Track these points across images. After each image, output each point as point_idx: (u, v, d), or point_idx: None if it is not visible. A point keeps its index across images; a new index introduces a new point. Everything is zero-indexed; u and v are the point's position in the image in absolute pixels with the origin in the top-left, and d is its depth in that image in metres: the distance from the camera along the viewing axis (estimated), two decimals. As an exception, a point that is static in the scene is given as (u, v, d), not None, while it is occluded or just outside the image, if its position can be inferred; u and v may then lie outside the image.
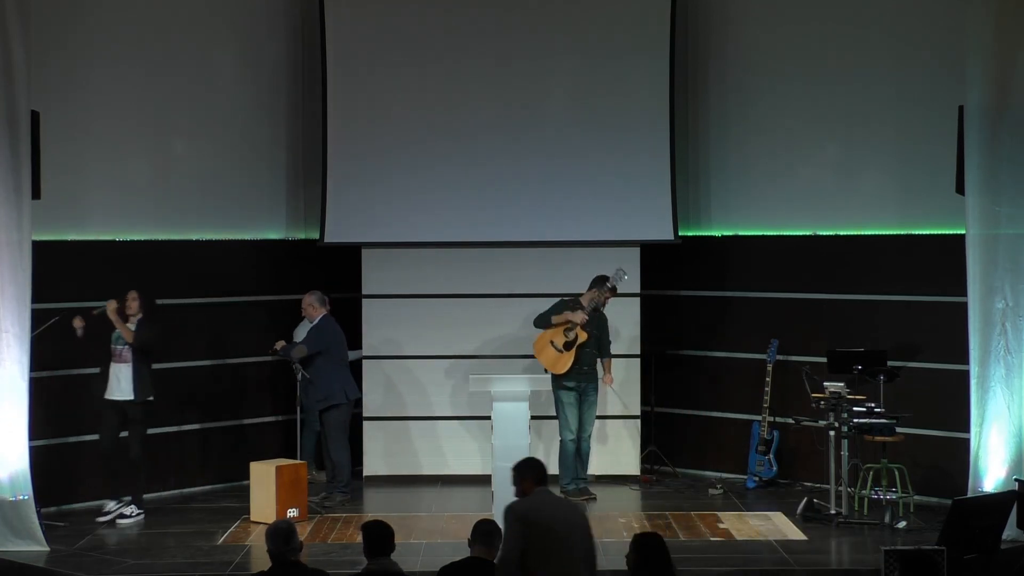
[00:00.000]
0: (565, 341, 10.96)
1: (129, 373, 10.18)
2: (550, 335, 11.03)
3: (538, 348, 11.08)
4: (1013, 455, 9.57)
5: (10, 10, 9.31)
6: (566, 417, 10.99)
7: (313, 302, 10.91)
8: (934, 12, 10.98)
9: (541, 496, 7.07)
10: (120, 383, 10.20)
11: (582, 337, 10.95)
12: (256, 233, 11.95)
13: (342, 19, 11.86)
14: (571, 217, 11.75)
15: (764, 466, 11.43)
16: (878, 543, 9.13)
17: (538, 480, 7.13)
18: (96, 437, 10.40)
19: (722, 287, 12.13)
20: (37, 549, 9.28)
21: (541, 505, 7.00)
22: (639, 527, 9.97)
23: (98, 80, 10.98)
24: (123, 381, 10.19)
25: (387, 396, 11.90)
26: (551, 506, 7.07)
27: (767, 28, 11.86)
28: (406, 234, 11.80)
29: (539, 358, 11.07)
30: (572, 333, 10.97)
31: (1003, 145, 9.62)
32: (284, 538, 6.70)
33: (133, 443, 10.27)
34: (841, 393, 10.09)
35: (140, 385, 10.19)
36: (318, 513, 10.43)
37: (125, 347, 10.18)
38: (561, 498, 7.35)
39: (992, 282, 9.64)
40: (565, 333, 10.97)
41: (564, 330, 10.97)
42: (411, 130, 11.81)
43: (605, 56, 11.81)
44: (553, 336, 11.02)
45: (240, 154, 11.84)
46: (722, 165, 12.12)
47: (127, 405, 10.22)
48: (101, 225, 11.05)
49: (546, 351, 11.01)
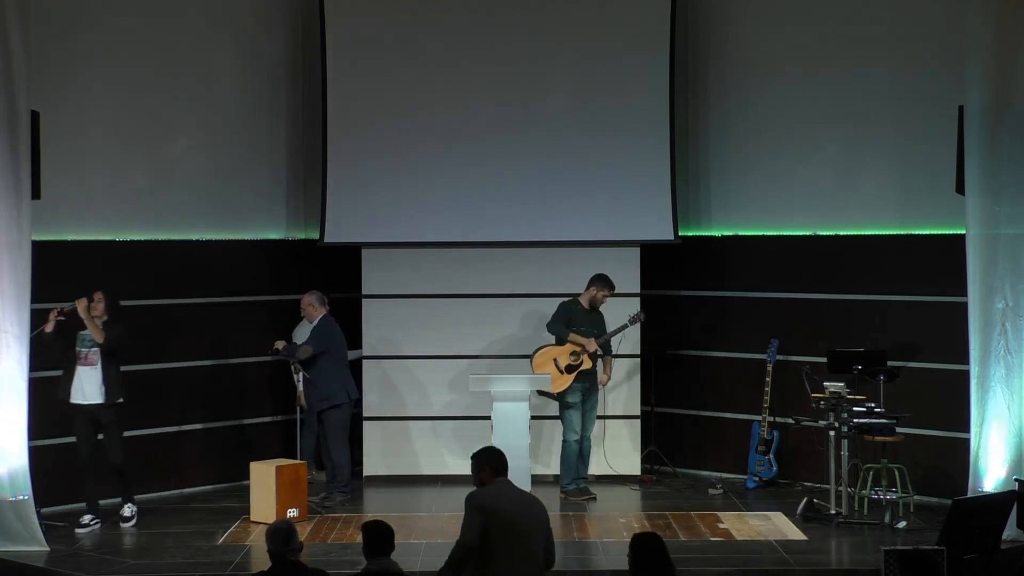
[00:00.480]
0: (568, 364, 10.93)
1: (97, 376, 9.96)
2: (555, 352, 10.98)
3: (539, 362, 11.02)
4: (1013, 455, 9.57)
5: (10, 10, 9.31)
6: (570, 419, 10.98)
7: (313, 302, 10.89)
8: (934, 12, 10.98)
9: (500, 488, 7.05)
10: (87, 387, 9.96)
11: (586, 365, 10.94)
12: (256, 233, 11.95)
13: (342, 19, 11.86)
14: (571, 217, 11.74)
15: (764, 466, 11.43)
16: (878, 543, 9.13)
17: (496, 470, 7.11)
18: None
19: (722, 287, 12.13)
20: (37, 549, 9.27)
21: (501, 497, 6.99)
22: (639, 527, 9.97)
23: (98, 80, 10.98)
24: (90, 385, 9.95)
25: (387, 396, 11.90)
26: (513, 500, 7.05)
27: (767, 28, 11.86)
28: (406, 234, 11.80)
29: (536, 371, 11.00)
30: (579, 359, 10.94)
31: (1003, 145, 9.62)
32: (284, 538, 6.69)
33: (112, 448, 10.07)
34: (841, 393, 10.09)
35: (110, 387, 9.97)
36: (318, 513, 10.43)
37: (92, 349, 9.97)
38: (523, 492, 7.32)
39: (992, 282, 9.64)
40: (571, 356, 10.95)
41: (571, 352, 10.95)
42: (411, 130, 11.81)
43: (605, 56, 11.81)
44: (558, 355, 10.97)
45: (240, 154, 11.84)
46: (722, 165, 12.12)
47: (98, 409, 10.00)
48: (101, 225, 11.04)
49: (547, 367, 10.96)
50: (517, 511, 6.97)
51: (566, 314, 11.02)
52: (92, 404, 9.99)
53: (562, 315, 11.01)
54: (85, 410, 10.01)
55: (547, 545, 7.11)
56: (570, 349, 10.94)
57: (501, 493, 7.01)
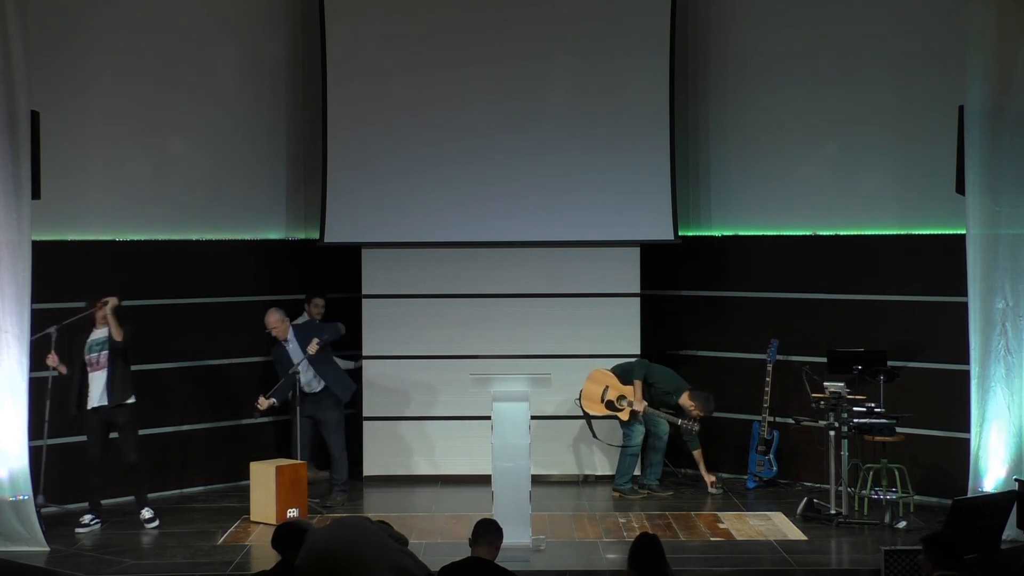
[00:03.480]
0: (612, 401, 11.12)
1: (105, 379, 9.99)
2: (612, 382, 11.17)
3: (595, 377, 11.23)
4: (1013, 455, 9.57)
5: (10, 10, 9.31)
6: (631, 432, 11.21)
7: (281, 319, 10.84)
8: (934, 12, 10.98)
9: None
10: (100, 390, 10.00)
11: (623, 416, 11.10)
12: (256, 233, 11.96)
13: (342, 20, 11.86)
14: (571, 217, 11.74)
15: (764, 466, 11.43)
16: (878, 543, 9.14)
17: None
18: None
19: (722, 287, 12.13)
20: (37, 549, 9.27)
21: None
22: (639, 527, 9.98)
23: (98, 80, 10.99)
24: (104, 387, 9.99)
25: (387, 396, 11.90)
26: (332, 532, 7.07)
27: (767, 28, 11.86)
28: (406, 234, 11.80)
29: (587, 383, 11.23)
30: (624, 403, 11.10)
31: (1003, 145, 9.62)
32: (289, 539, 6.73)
33: (128, 447, 10.12)
34: (841, 393, 10.08)
35: (124, 387, 10.03)
36: (318, 513, 10.43)
37: (102, 352, 10.00)
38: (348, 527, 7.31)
39: (992, 282, 9.64)
40: (619, 400, 11.11)
41: (621, 396, 11.10)
42: (411, 130, 11.81)
43: (605, 56, 11.81)
44: (613, 387, 11.15)
45: (240, 154, 11.85)
46: (722, 165, 12.12)
47: (113, 410, 10.04)
48: (101, 225, 11.05)
49: (594, 388, 11.19)
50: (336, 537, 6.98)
51: (653, 374, 11.21)
52: (107, 406, 10.02)
53: (651, 372, 11.20)
54: (99, 412, 10.04)
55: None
56: (622, 392, 11.12)
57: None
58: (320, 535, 6.93)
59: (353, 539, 6.92)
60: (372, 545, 6.90)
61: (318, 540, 6.85)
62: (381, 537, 7.02)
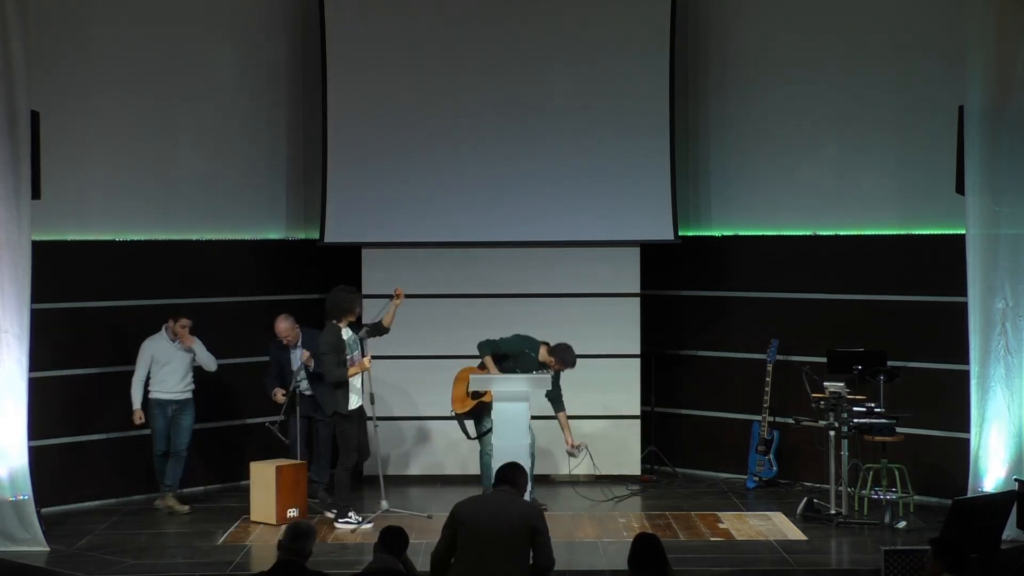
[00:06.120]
0: (475, 390, 10.56)
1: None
2: (473, 372, 10.66)
3: (459, 377, 10.79)
4: (1013, 455, 9.58)
5: (10, 10, 9.31)
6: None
7: (291, 326, 10.81)
8: (934, 12, 10.99)
9: (487, 496, 7.15)
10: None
11: (488, 397, 10.54)
12: (256, 233, 11.96)
13: (342, 19, 11.86)
14: (571, 217, 11.74)
15: (764, 466, 11.44)
16: (878, 543, 9.14)
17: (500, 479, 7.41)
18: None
19: (722, 287, 12.13)
20: (37, 549, 9.27)
21: (474, 506, 7.21)
22: (639, 527, 9.98)
23: (98, 80, 10.99)
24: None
25: (387, 396, 11.89)
26: (483, 508, 7.24)
27: (767, 28, 11.86)
28: (406, 234, 11.80)
29: (453, 386, 10.79)
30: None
31: (1003, 145, 9.63)
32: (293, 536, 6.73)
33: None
34: (841, 393, 10.09)
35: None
36: (318, 513, 10.42)
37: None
38: (505, 500, 7.28)
39: (992, 282, 9.64)
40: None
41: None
42: (411, 130, 11.82)
43: (605, 56, 11.81)
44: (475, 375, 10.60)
45: (240, 154, 11.85)
46: (722, 165, 12.12)
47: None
48: (101, 225, 11.05)
49: (460, 388, 10.72)
50: (484, 521, 7.03)
51: (501, 346, 10.64)
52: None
53: (498, 346, 10.64)
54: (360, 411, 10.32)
55: (539, 551, 7.09)
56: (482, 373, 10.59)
57: (479, 502, 7.05)
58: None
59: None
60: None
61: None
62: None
